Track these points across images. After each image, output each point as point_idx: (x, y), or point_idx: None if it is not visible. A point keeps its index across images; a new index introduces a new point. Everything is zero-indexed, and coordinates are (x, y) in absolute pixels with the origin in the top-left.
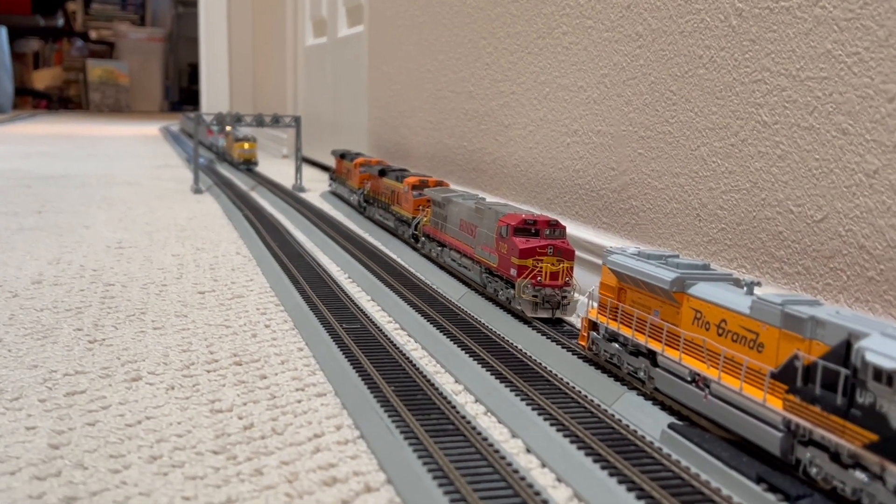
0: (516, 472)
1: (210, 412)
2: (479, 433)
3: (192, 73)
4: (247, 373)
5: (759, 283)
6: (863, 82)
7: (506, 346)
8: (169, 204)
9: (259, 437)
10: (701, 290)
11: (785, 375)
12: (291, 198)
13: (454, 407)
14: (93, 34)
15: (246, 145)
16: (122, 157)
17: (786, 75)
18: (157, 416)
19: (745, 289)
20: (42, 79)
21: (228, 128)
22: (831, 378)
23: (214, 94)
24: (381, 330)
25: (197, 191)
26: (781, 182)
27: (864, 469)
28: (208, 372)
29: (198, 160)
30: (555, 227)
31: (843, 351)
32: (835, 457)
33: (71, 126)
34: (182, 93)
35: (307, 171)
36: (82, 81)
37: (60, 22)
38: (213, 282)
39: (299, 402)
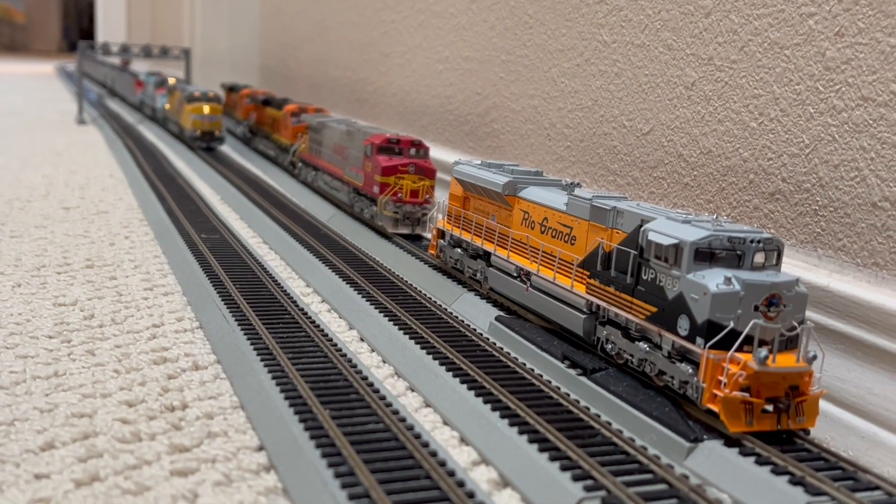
0: (339, 350)
1: (53, 305)
2: (317, 324)
3: (93, 13)
4: (97, 275)
5: (579, 185)
6: None
7: (363, 257)
8: (49, 133)
9: (97, 325)
10: (529, 192)
11: (589, 263)
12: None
13: (296, 303)
14: None
15: (206, 108)
16: (8, 92)
17: None
18: None
19: (566, 190)
20: None
21: (172, 80)
22: (625, 260)
23: (111, 30)
24: (240, 242)
25: (80, 121)
26: (617, 98)
27: (648, 340)
28: (59, 273)
29: (82, 90)
30: (418, 146)
31: (637, 236)
32: (625, 332)
33: None
34: (82, 33)
35: None
36: None
37: None
38: (80, 199)
39: (145, 299)
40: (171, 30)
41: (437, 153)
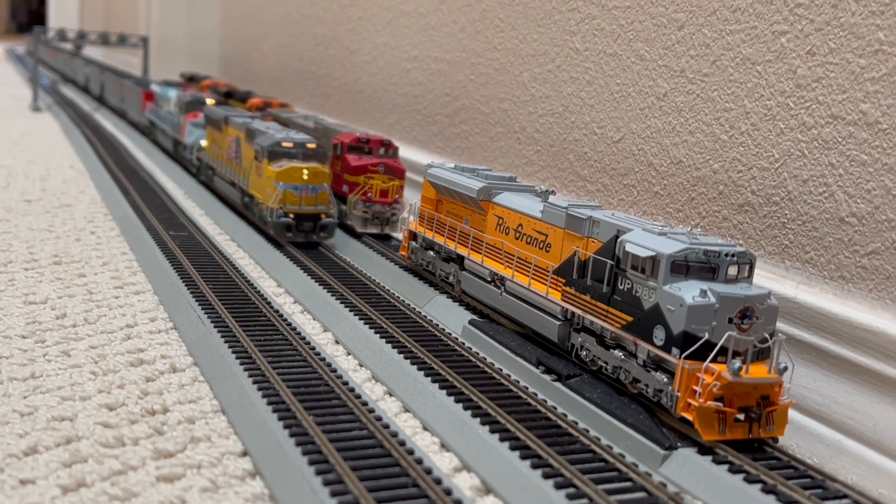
0: (318, 354)
1: (23, 303)
2: (292, 326)
3: None
4: (66, 272)
5: (553, 192)
6: (658, 11)
7: (333, 256)
8: (4, 120)
9: (71, 325)
10: (504, 198)
11: (565, 270)
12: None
13: (270, 304)
14: None
15: (305, 172)
16: None
17: (596, 4)
18: None
19: (541, 197)
20: None
21: (211, 101)
22: (601, 270)
23: (63, 13)
24: (209, 239)
25: (35, 109)
26: (588, 106)
27: (622, 348)
28: (26, 270)
29: (37, 77)
30: (388, 146)
31: (613, 246)
32: (600, 339)
33: None
34: (31, 15)
35: None
36: None
37: None
38: (42, 191)
39: (116, 297)
40: (127, 15)
41: (405, 152)
